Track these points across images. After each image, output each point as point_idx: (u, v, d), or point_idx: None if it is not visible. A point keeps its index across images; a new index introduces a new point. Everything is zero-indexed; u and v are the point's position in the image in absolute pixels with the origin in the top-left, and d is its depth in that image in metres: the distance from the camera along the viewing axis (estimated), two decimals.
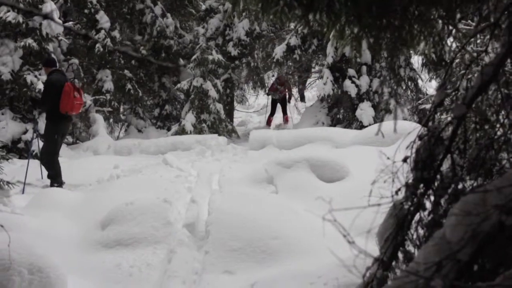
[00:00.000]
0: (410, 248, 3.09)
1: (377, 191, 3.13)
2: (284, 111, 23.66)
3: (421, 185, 3.04)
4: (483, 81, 2.87)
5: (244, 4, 4.08)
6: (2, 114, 15.42)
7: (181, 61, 21.90)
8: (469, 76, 3.44)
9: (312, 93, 30.43)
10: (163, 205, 7.76)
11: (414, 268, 2.23)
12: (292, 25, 19.87)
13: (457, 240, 2.10)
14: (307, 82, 28.65)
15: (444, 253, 2.15)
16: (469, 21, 6.52)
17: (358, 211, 2.91)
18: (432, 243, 2.24)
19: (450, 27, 3.85)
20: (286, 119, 23.55)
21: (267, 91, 24.36)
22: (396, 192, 3.10)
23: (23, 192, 10.36)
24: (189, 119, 19.01)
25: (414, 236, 3.08)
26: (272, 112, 23.49)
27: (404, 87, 18.67)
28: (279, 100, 23.21)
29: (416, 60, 19.03)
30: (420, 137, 3.09)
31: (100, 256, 6.83)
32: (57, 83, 10.84)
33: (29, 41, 15.24)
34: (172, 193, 8.88)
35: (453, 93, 3.28)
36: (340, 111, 18.95)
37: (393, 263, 3.04)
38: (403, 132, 4.82)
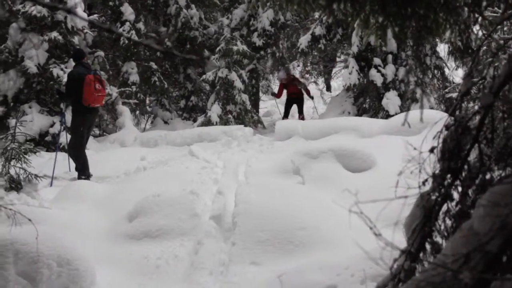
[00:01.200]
0: (438, 239, 3.06)
1: (404, 182, 3.11)
2: (301, 110, 20.56)
3: (449, 176, 3.01)
4: (510, 69, 2.83)
5: None
6: (30, 107, 15.52)
7: (206, 52, 21.90)
8: (496, 64, 3.40)
9: (337, 82, 30.32)
10: (190, 196, 7.78)
11: (442, 260, 2.20)
12: (316, 15, 19.77)
13: (486, 231, 2.07)
14: (333, 72, 28.52)
15: (472, 245, 2.13)
16: (495, 8, 6.45)
17: (385, 202, 2.89)
18: (460, 234, 2.22)
19: (476, 15, 3.81)
20: (302, 119, 19.37)
21: (271, 94, 23.00)
22: (423, 183, 3.06)
23: (51, 185, 10.44)
24: (215, 110, 19.01)
25: (442, 227, 3.05)
26: (286, 114, 20.67)
27: (430, 76, 18.53)
28: (295, 99, 20.54)
29: (442, 48, 18.88)
30: (447, 126, 3.06)
31: (128, 248, 6.87)
32: (77, 76, 10.90)
33: (54, 34, 15.31)
34: (198, 185, 8.90)
35: (480, 82, 3.24)
36: (366, 100, 18.83)
37: (421, 254, 3.02)
38: (430, 121, 4.78)
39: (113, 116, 18.41)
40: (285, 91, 20.83)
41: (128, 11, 19.48)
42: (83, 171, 10.95)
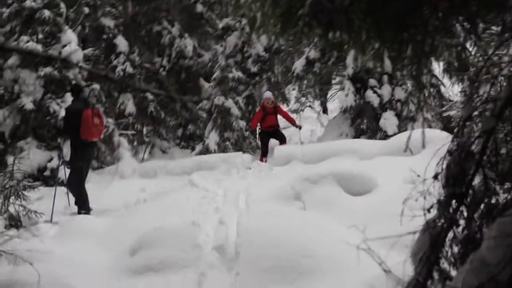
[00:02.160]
0: (445, 266, 3.03)
1: (408, 205, 3.09)
2: (282, 140, 17.40)
3: (454, 201, 2.98)
4: (511, 91, 2.82)
5: (262, 26, 4.06)
6: (27, 143, 15.50)
7: (202, 81, 21.95)
8: (497, 84, 3.39)
9: (334, 105, 30.35)
10: (191, 228, 7.75)
11: None
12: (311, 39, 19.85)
13: (496, 262, 2.04)
14: (329, 94, 28.54)
15: (483, 276, 2.09)
16: (493, 29, 6.45)
17: (388, 226, 2.86)
18: (470, 266, 2.19)
19: (473, 37, 3.80)
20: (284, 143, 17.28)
21: (249, 128, 19.46)
22: (429, 210, 3.04)
23: (51, 221, 10.37)
24: (212, 138, 19.02)
25: (449, 254, 3.02)
26: (265, 150, 17.37)
27: (426, 94, 18.53)
28: (271, 133, 17.39)
29: (437, 66, 18.92)
30: (450, 152, 3.03)
31: (131, 282, 6.82)
32: (75, 111, 10.93)
33: (50, 69, 15.33)
34: (199, 215, 8.86)
35: (482, 106, 3.22)
36: (363, 121, 18.83)
37: (429, 282, 2.98)
38: (430, 140, 4.76)
39: (111, 148, 18.39)
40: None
41: (122, 43, 19.54)
42: (83, 206, 10.91)
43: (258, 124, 17.42)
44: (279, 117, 17.58)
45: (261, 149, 17.65)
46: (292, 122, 17.95)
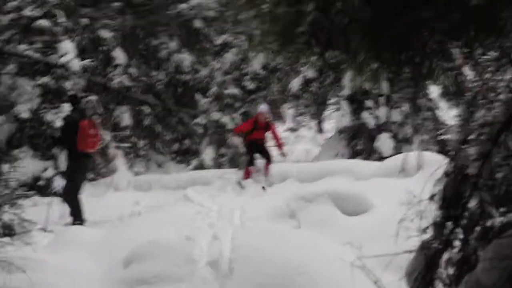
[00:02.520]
0: (440, 287, 3.05)
1: (403, 226, 3.12)
2: (268, 161, 15.79)
3: (449, 223, 3.02)
4: (507, 115, 2.86)
5: (260, 43, 4.09)
6: (22, 152, 15.50)
7: (198, 96, 21.97)
8: (493, 108, 3.42)
9: (330, 124, 30.42)
10: (185, 242, 7.74)
11: None
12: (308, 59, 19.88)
13: (492, 283, 2.07)
14: (325, 114, 28.60)
15: None
16: (489, 55, 6.50)
17: (383, 247, 2.89)
18: (465, 287, 2.22)
19: (471, 62, 3.85)
20: (267, 174, 15.55)
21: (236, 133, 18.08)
22: (424, 231, 3.07)
23: (45, 230, 10.36)
24: (208, 153, 19.07)
25: (444, 275, 3.05)
26: (252, 160, 15.88)
27: (423, 118, 18.60)
28: (259, 146, 15.87)
29: (434, 90, 19.00)
30: (446, 174, 3.07)
31: None
32: (72, 122, 10.95)
33: (47, 79, 15.36)
34: (194, 230, 8.86)
35: (478, 129, 3.26)
36: (359, 142, 18.89)
37: None
38: (425, 163, 4.79)
39: (106, 160, 18.38)
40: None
41: (120, 56, 19.56)
42: (77, 217, 10.90)
43: (244, 135, 16.35)
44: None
45: (248, 159, 15.81)
46: (279, 145, 16.01)
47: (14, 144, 15.84)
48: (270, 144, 16.64)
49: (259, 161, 16.22)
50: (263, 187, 14.46)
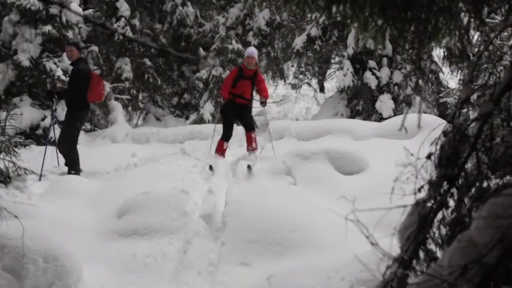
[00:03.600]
0: (432, 247, 3.01)
1: (398, 186, 3.07)
2: (250, 126, 12.44)
3: (445, 183, 2.96)
4: (511, 76, 2.79)
5: None
6: (21, 100, 15.47)
7: (201, 50, 21.83)
8: (496, 71, 3.36)
9: (331, 84, 30.30)
10: (180, 195, 7.73)
11: (438, 272, 2.15)
12: (313, 16, 19.75)
13: (485, 243, 2.03)
14: (327, 73, 28.48)
15: (470, 257, 2.07)
16: (495, 15, 6.41)
17: (377, 205, 2.84)
18: (458, 245, 2.17)
19: (477, 21, 3.76)
20: (252, 147, 12.07)
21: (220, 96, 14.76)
22: (419, 190, 3.01)
23: (40, 179, 10.34)
24: (207, 108, 19.02)
25: (436, 235, 3.01)
26: (226, 132, 12.25)
27: (425, 80, 18.52)
28: (240, 108, 12.23)
29: (438, 53, 18.89)
30: (445, 133, 3.01)
31: (116, 245, 6.80)
32: (86, 73, 10.89)
33: (49, 28, 15.24)
34: (189, 183, 8.85)
35: (480, 89, 3.19)
36: (359, 102, 18.84)
37: (414, 262, 2.97)
38: (425, 126, 4.74)
39: (105, 111, 18.34)
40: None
41: (123, 7, 19.40)
42: (73, 166, 10.86)
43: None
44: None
45: (223, 129, 12.22)
46: (264, 95, 12.28)
47: (13, 92, 15.78)
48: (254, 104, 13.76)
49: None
50: (248, 166, 10.35)
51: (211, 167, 10.48)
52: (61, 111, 12.70)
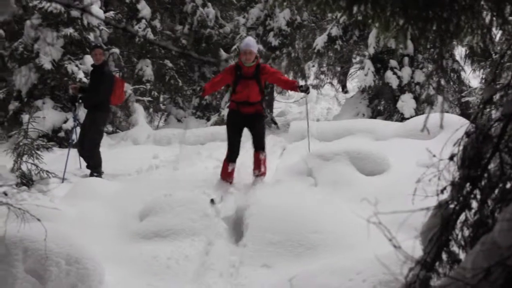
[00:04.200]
0: (455, 248, 2.99)
1: (420, 187, 3.05)
2: (260, 144, 9.55)
3: (468, 184, 2.93)
4: None
5: None
6: (44, 103, 15.57)
7: (222, 51, 21.85)
8: None
9: (352, 84, 30.22)
10: (202, 197, 7.75)
11: (461, 274, 2.13)
12: (334, 16, 19.70)
13: (509, 245, 2.00)
14: (348, 73, 28.39)
15: (493, 259, 2.05)
16: None
17: (399, 206, 2.83)
18: (481, 248, 2.14)
19: (500, 20, 3.73)
20: (259, 171, 9.39)
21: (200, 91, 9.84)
22: (442, 191, 2.99)
23: (62, 182, 10.40)
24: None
25: (459, 237, 2.98)
26: (233, 149, 9.58)
27: (447, 79, 18.41)
28: (248, 118, 9.44)
29: (459, 52, 18.76)
30: (467, 134, 2.98)
31: (138, 247, 6.82)
32: (112, 77, 11.10)
33: (70, 30, 15.34)
34: (210, 185, 8.83)
35: (503, 89, 3.16)
36: (381, 102, 18.75)
37: (437, 264, 2.94)
38: (447, 126, 4.70)
39: (127, 113, 18.41)
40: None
41: (144, 9, 19.49)
42: (96, 169, 10.91)
43: (225, 97, 11.21)
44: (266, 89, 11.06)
45: (228, 146, 9.67)
46: (291, 86, 9.46)
47: (35, 95, 15.89)
48: (265, 110, 10.95)
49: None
50: (212, 200, 8.02)
51: (212, 201, 7.93)
52: (83, 113, 12.73)
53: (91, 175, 10.81)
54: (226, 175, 9.31)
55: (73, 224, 7.08)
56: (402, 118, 16.68)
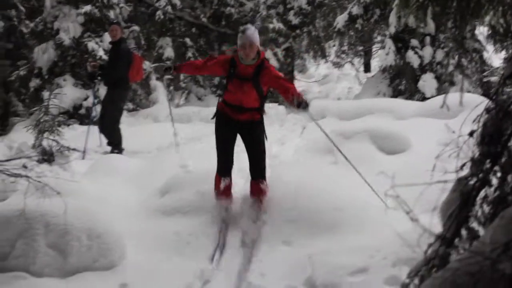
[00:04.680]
0: (474, 225, 2.99)
1: (441, 165, 3.05)
2: (258, 173, 7.16)
3: (488, 161, 2.93)
4: None
5: None
6: (64, 80, 15.62)
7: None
8: None
9: (373, 63, 30.07)
10: None
11: (480, 249, 2.14)
12: None
13: None
14: (368, 52, 28.25)
15: None
16: None
17: (421, 185, 2.83)
18: (500, 222, 2.15)
19: None
20: (260, 191, 7.07)
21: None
22: (461, 167, 2.99)
23: (83, 158, 10.46)
24: None
25: (479, 213, 2.98)
26: (222, 165, 7.24)
27: (468, 59, 18.27)
28: (242, 125, 7.14)
29: (481, 32, 18.61)
30: (487, 110, 2.97)
31: (159, 223, 6.86)
32: (129, 53, 11.08)
33: (90, 7, 15.37)
34: None
35: None
36: (402, 82, 18.64)
37: (456, 240, 2.95)
38: (468, 105, 4.68)
39: (147, 91, 18.45)
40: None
41: None
42: (116, 146, 10.97)
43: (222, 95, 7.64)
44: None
45: (217, 156, 7.32)
46: (292, 93, 6.69)
47: (56, 72, 15.95)
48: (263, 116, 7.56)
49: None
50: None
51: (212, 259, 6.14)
52: (103, 91, 12.75)
53: (112, 152, 10.86)
54: (222, 193, 7.11)
55: (94, 199, 7.12)
56: (423, 98, 16.60)
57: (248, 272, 5.78)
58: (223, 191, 7.09)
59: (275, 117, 14.72)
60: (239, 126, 7.12)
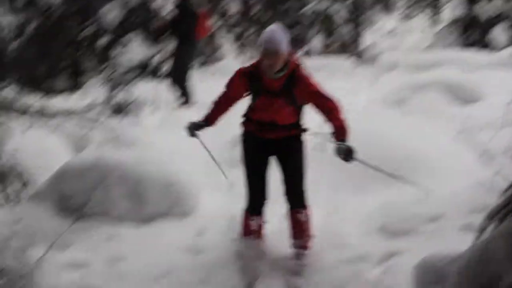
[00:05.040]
0: None
1: None
2: (297, 202, 5.39)
3: None
4: None
5: None
6: (132, 38, 15.74)
7: None
8: None
9: (444, 15, 29.49)
10: None
11: None
12: None
13: None
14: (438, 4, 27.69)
15: None
16: None
17: (495, 127, 2.79)
18: None
19: None
20: (301, 240, 5.31)
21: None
22: None
23: (154, 112, 10.55)
24: (315, 42, 18.85)
25: None
26: (253, 199, 5.42)
27: None
28: (275, 146, 5.36)
29: None
30: None
31: (230, 174, 6.90)
32: (193, 11, 11.15)
33: None
34: None
35: None
36: (473, 33, 18.27)
37: None
38: None
39: (214, 49, 18.48)
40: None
41: None
42: (186, 99, 11.07)
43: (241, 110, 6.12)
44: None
45: (246, 189, 5.47)
46: (335, 123, 5.32)
47: (124, 29, 16.08)
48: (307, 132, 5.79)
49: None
50: None
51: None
52: (172, 47, 12.78)
53: (182, 105, 10.96)
54: (250, 233, 5.44)
55: (167, 151, 7.22)
56: (494, 49, 16.27)
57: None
58: (254, 231, 5.44)
59: (344, 70, 14.61)
60: (273, 146, 5.43)
